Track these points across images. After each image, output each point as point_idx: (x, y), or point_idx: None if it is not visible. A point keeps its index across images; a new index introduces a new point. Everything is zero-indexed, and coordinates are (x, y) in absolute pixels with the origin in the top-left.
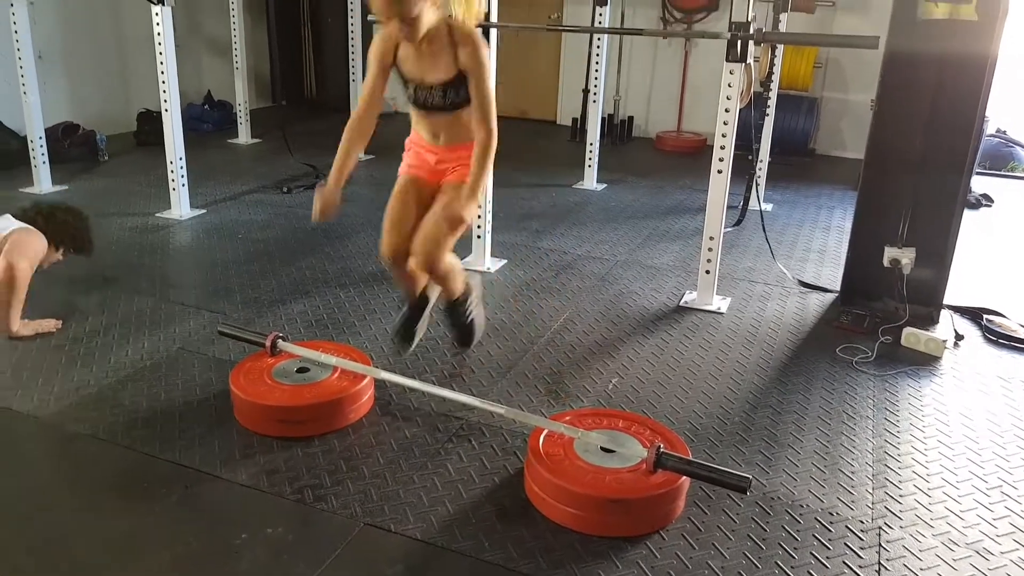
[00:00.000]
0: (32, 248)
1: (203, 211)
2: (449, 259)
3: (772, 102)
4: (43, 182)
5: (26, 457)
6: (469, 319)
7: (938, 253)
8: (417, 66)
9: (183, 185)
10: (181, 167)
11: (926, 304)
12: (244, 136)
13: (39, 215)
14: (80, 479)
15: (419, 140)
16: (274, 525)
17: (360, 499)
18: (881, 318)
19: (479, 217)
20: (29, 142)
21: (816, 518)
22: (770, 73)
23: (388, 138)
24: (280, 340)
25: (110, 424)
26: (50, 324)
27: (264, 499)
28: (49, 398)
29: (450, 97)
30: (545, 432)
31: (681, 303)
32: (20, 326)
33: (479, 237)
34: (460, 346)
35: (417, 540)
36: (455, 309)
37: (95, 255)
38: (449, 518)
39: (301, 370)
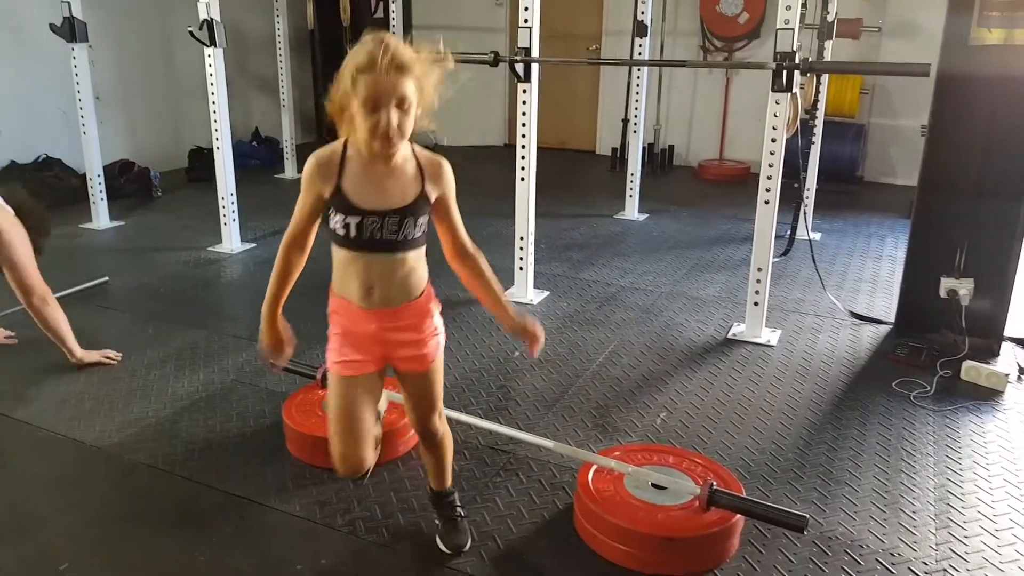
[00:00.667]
0: (29, 257)
1: (253, 245)
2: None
3: (818, 129)
4: (101, 218)
5: (89, 487)
6: (461, 513)
7: (998, 283)
8: (371, 191)
9: (234, 220)
10: (232, 202)
11: (986, 336)
12: (291, 171)
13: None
14: (140, 509)
15: (349, 308)
16: (328, 556)
17: (411, 532)
18: (939, 351)
19: (520, 249)
20: (88, 180)
21: (877, 559)
22: (816, 100)
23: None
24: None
25: (168, 455)
26: (111, 354)
27: (317, 530)
28: (110, 428)
29: (406, 230)
30: (595, 467)
31: (729, 335)
32: (83, 353)
33: (521, 269)
34: (455, 549)
35: (469, 575)
36: (449, 499)
37: (152, 288)
38: (500, 554)
39: None
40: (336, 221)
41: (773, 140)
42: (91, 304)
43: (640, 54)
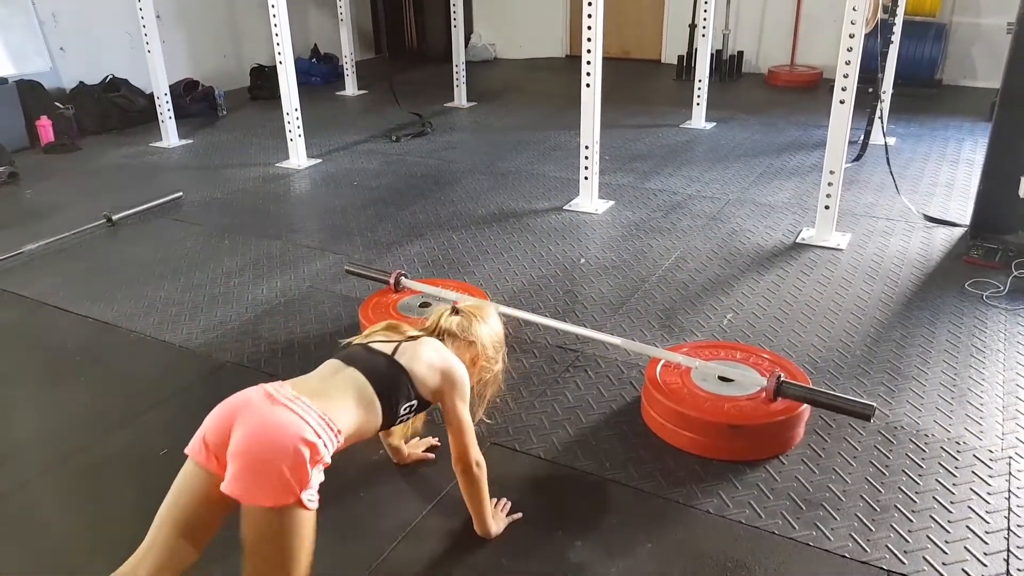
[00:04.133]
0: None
1: (319, 160)
2: None
3: (897, 29)
4: (171, 136)
5: (181, 383)
6: None
7: None
8: None
9: (299, 136)
10: (297, 118)
11: None
12: (351, 88)
13: None
14: None
15: None
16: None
17: (484, 421)
18: (1015, 252)
19: (586, 158)
20: (156, 98)
21: (942, 447)
22: None
23: (489, 83)
24: (403, 277)
25: (252, 354)
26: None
27: None
28: (196, 331)
29: None
30: (662, 362)
31: (798, 240)
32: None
33: (586, 179)
34: None
35: (541, 459)
36: None
37: (224, 202)
38: (570, 440)
39: (424, 305)
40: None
41: (851, 36)
42: (167, 217)
43: None
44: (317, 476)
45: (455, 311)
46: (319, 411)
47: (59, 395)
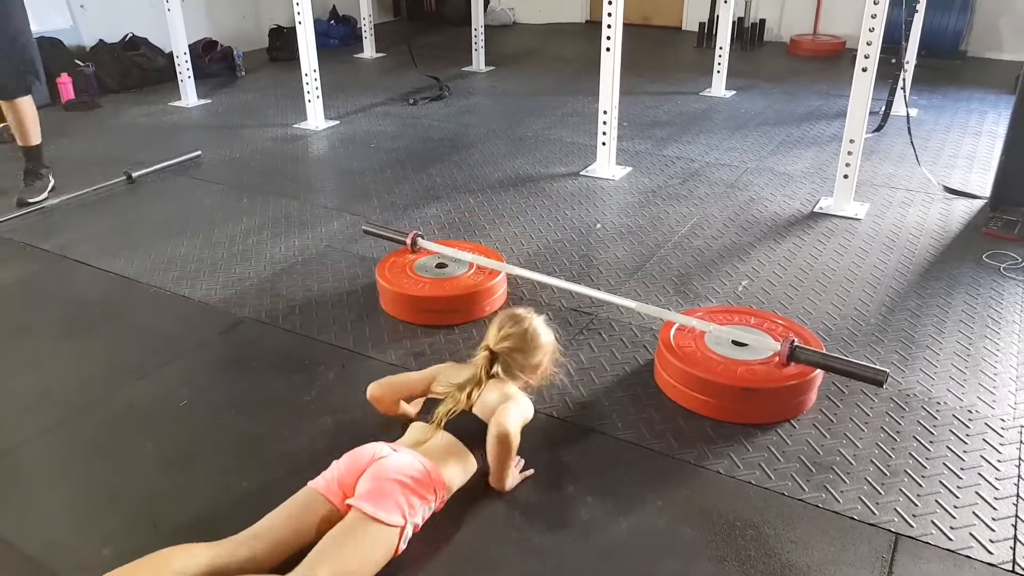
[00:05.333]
0: None
1: (336, 122)
2: None
3: None
4: (190, 96)
5: (200, 336)
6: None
7: None
8: None
9: (318, 97)
10: (315, 79)
11: None
12: (369, 51)
13: None
14: (249, 355)
15: None
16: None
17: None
18: None
19: (604, 123)
20: (175, 57)
21: (954, 415)
22: None
23: (508, 48)
24: (419, 238)
25: (270, 310)
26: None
27: None
28: (215, 287)
29: None
30: (676, 326)
31: (816, 209)
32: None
33: (604, 144)
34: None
35: (553, 418)
36: None
37: (243, 162)
38: (583, 400)
39: (440, 265)
40: None
41: (875, 3)
42: (187, 176)
43: None
44: (422, 510)
45: (491, 355)
46: (429, 464)
47: (79, 347)
